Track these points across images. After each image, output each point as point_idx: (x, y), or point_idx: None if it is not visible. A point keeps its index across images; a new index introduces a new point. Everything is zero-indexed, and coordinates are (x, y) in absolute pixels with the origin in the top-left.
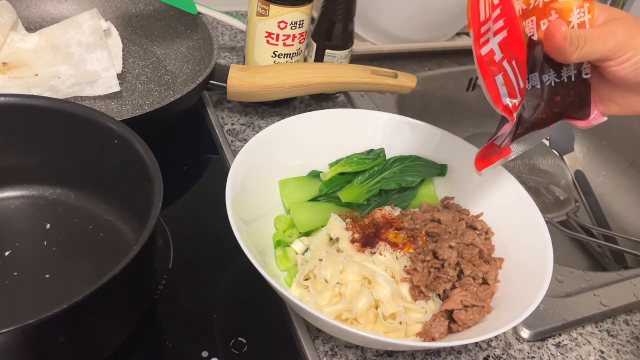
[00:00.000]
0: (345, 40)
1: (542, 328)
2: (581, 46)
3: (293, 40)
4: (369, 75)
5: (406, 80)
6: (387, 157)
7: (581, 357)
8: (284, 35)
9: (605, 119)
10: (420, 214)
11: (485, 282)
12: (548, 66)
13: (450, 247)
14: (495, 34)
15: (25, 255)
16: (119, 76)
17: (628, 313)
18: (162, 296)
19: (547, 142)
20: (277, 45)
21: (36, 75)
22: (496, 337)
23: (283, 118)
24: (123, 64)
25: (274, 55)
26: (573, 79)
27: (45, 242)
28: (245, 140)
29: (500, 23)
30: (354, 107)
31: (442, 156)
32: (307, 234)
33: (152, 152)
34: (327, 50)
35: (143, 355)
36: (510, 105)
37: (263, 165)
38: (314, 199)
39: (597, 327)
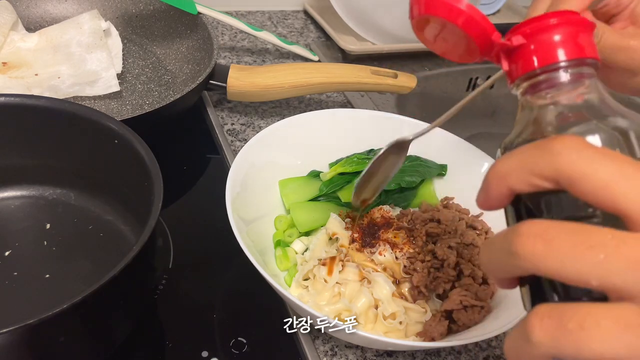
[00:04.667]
0: None
1: None
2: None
3: None
4: (369, 75)
5: (406, 80)
6: None
7: None
8: None
9: None
10: (420, 214)
11: (485, 282)
12: None
13: (450, 247)
14: None
15: (25, 255)
16: (119, 76)
17: None
18: (162, 296)
19: None
20: None
21: (36, 75)
22: (496, 337)
23: (283, 118)
24: (123, 64)
25: None
26: None
27: (45, 242)
28: (245, 140)
29: None
30: (353, 107)
31: (442, 156)
32: (307, 233)
33: (152, 152)
34: None
35: (143, 355)
36: None
37: (263, 165)
38: (314, 199)
39: None
